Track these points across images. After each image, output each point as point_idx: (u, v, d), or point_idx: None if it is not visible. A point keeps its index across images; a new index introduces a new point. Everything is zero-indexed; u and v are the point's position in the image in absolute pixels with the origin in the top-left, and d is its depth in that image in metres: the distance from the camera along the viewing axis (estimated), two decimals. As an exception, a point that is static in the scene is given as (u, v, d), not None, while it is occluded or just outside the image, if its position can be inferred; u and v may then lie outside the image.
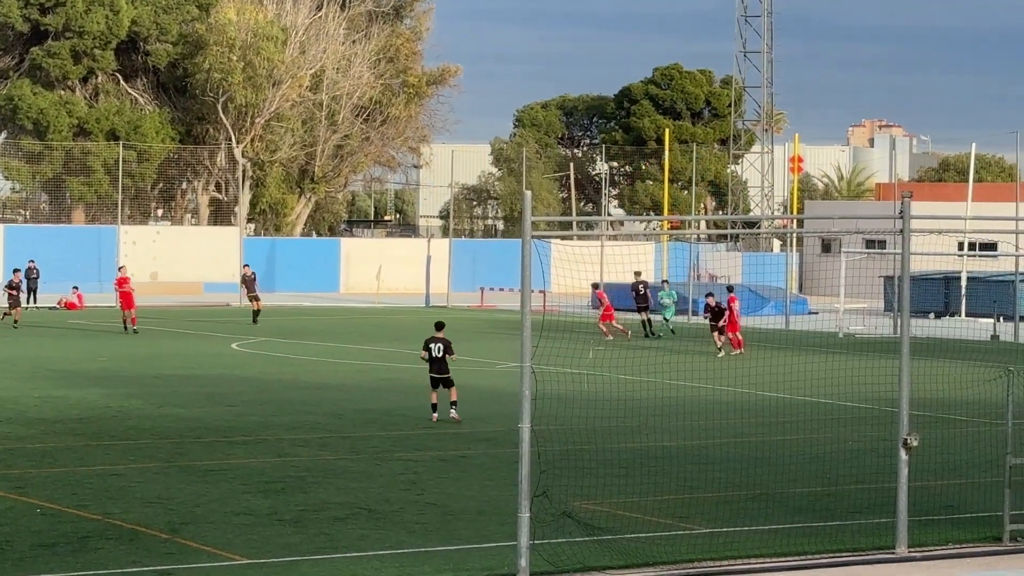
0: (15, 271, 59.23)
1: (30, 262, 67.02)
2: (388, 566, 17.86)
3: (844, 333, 56.69)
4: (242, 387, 36.80)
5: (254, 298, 59.62)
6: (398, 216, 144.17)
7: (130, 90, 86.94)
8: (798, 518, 20.74)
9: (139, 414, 31.22)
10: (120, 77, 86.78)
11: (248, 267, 62.84)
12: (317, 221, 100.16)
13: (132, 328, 53.02)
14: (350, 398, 34.88)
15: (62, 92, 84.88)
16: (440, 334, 30.41)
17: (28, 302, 63.26)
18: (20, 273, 59.50)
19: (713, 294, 49.53)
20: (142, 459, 25.44)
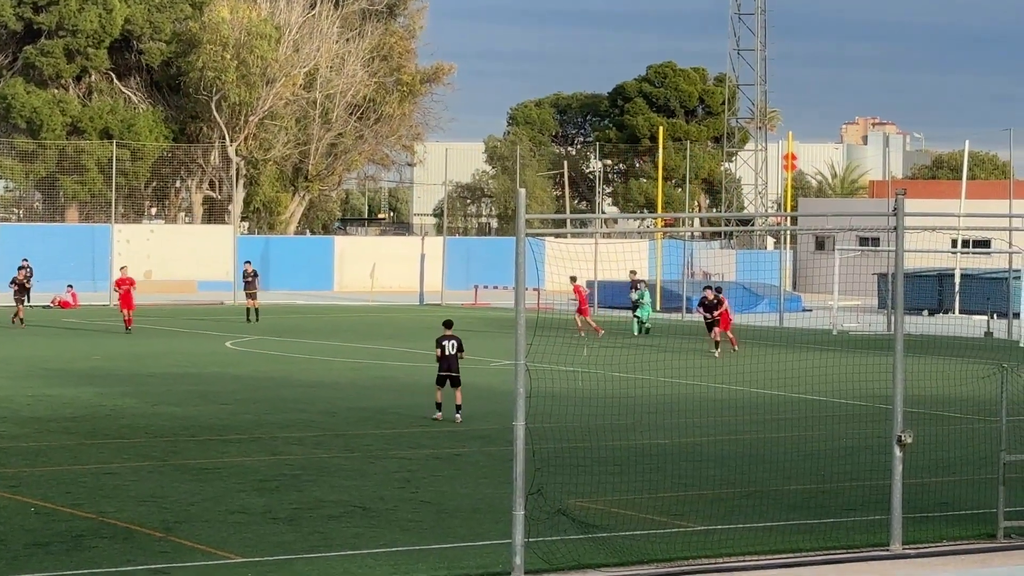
0: (20, 267, 59.16)
1: (23, 261, 66.85)
2: (382, 564, 17.85)
3: (838, 330, 56.71)
4: (236, 385, 36.79)
5: (251, 296, 59.53)
6: (392, 214, 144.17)
7: (123, 89, 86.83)
8: (792, 515, 20.75)
9: (133, 412, 31.19)
10: (113, 75, 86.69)
11: (250, 264, 62.45)
12: (311, 219, 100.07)
13: (127, 328, 53.05)
14: (344, 396, 34.87)
15: (55, 91, 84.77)
16: (450, 332, 30.39)
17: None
18: (27, 269, 59.40)
19: (711, 287, 49.48)
20: (136, 458, 25.42)
